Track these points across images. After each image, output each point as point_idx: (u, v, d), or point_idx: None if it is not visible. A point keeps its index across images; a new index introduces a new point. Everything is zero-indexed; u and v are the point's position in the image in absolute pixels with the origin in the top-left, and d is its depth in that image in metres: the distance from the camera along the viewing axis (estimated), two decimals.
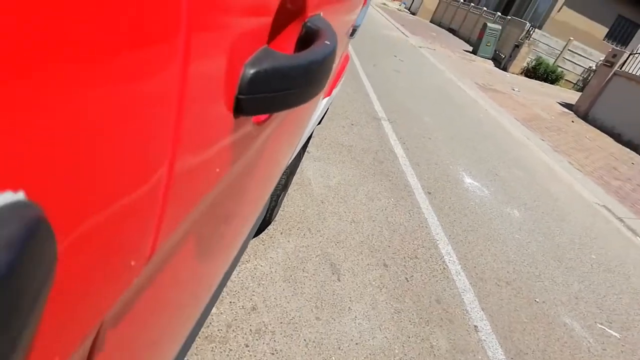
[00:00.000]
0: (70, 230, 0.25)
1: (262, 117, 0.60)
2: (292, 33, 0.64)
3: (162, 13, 0.28)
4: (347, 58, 2.36)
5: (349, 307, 2.08)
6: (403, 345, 1.98)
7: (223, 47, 0.40)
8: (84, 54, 0.22)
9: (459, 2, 22.25)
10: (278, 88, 0.48)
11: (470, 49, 16.40)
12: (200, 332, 1.65)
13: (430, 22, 24.34)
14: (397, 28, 15.92)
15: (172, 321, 0.68)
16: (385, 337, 1.99)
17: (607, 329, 2.72)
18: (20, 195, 0.19)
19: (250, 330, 1.76)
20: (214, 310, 1.77)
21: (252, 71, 0.44)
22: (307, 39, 0.62)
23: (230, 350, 1.64)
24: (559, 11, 18.07)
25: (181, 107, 0.33)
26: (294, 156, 1.80)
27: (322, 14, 0.73)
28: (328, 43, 0.58)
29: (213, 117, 0.42)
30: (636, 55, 10.24)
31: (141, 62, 0.27)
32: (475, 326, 2.29)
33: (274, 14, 0.51)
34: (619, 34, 18.48)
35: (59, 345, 0.29)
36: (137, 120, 0.29)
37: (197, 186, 0.44)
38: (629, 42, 17.73)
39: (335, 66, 1.73)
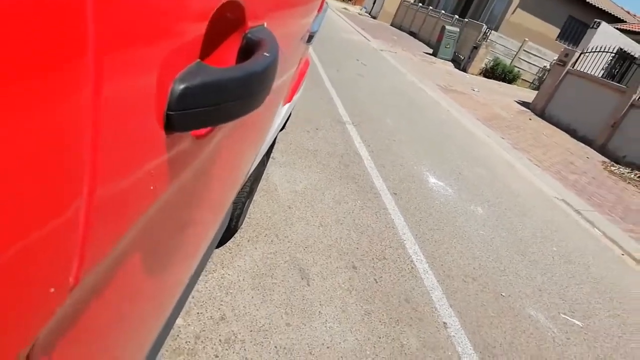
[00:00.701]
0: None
1: (204, 130, 0.59)
2: (231, 45, 0.63)
3: (62, 33, 0.27)
4: (307, 63, 2.37)
5: (319, 312, 2.08)
6: (374, 346, 2.00)
7: (144, 65, 0.38)
8: None
9: (417, 5, 22.72)
10: (212, 102, 0.47)
11: (431, 51, 16.76)
12: (167, 346, 1.61)
13: (391, 25, 24.73)
14: (359, 32, 16.11)
15: (129, 336, 0.66)
16: (356, 338, 2.00)
17: (570, 319, 2.82)
18: None
19: (220, 340, 1.73)
20: (180, 322, 1.74)
21: (181, 87, 0.43)
22: (248, 50, 0.61)
23: None
24: (513, 13, 18.73)
25: (97, 131, 0.32)
26: (256, 163, 1.79)
27: (265, 24, 0.72)
28: (267, 55, 0.58)
29: (140, 136, 0.41)
30: (587, 54, 10.70)
31: (41, 87, 0.26)
32: (445, 323, 2.33)
33: (207, 28, 0.50)
34: (570, 34, 19.29)
35: None
36: (46, 148, 0.28)
37: (129, 208, 0.42)
38: (579, 42, 18.51)
39: (293, 73, 1.73)
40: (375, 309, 2.23)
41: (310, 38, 1.68)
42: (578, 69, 10.57)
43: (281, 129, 2.57)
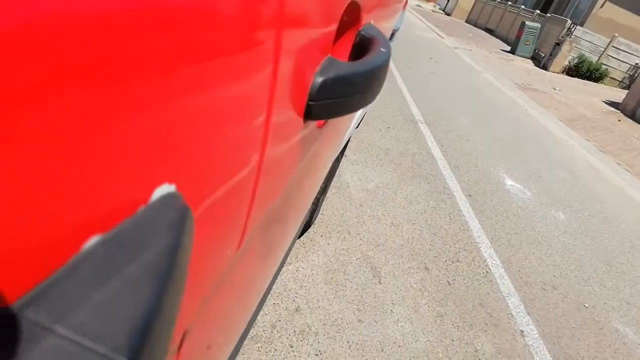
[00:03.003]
0: (197, 216, 0.29)
1: (321, 121, 0.63)
2: (347, 42, 0.66)
3: (258, 39, 0.32)
4: None
5: (391, 310, 2.07)
6: (447, 349, 1.96)
7: (302, 58, 0.43)
8: (200, 61, 0.25)
9: (495, 1, 21.80)
10: (341, 94, 0.51)
11: (509, 48, 16.03)
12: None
13: (466, 22, 23.95)
14: (432, 29, 15.75)
15: (237, 316, 0.70)
16: (429, 340, 1.97)
17: None
18: (172, 188, 0.24)
19: (294, 331, 1.78)
20: None
21: (320, 79, 0.47)
22: (361, 46, 0.65)
23: (276, 350, 1.67)
24: (601, 7, 17.42)
25: (270, 111, 0.36)
26: (334, 159, 1.82)
27: (372, 22, 0.75)
28: (383, 50, 0.60)
29: (291, 122, 0.45)
30: None
31: (243, 84, 0.31)
32: (522, 331, 2.23)
33: (337, 25, 0.53)
34: None
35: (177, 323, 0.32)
36: (236, 130, 0.33)
37: (277, 182, 0.48)
38: None
39: None
40: (448, 312, 2.19)
41: (392, 36, 1.68)
42: None
43: (356, 127, 2.59)
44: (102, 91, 0.18)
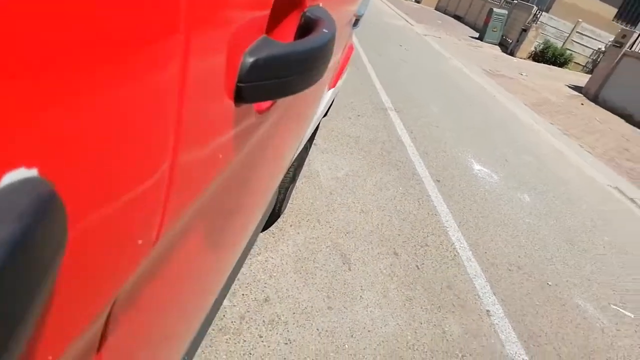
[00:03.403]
0: (80, 208, 0.27)
1: (264, 105, 0.62)
2: (291, 23, 0.66)
3: (161, 8, 0.30)
4: (351, 48, 2.36)
5: (361, 296, 2.10)
6: (415, 331, 2.00)
7: (223, 38, 0.41)
8: (89, 55, 0.24)
9: None
10: (276, 75, 0.50)
11: (477, 35, 16.24)
12: (214, 325, 1.68)
13: (435, 9, 24.10)
14: (402, 17, 15.81)
15: (183, 310, 0.70)
16: (398, 324, 2.01)
17: (620, 310, 2.72)
18: (33, 172, 0.22)
19: (264, 321, 1.79)
20: (227, 302, 1.80)
21: (251, 59, 0.46)
22: (307, 28, 0.64)
23: (245, 341, 1.67)
24: None
25: (182, 100, 0.35)
26: (300, 148, 1.82)
27: (321, 4, 0.74)
28: (326, 31, 0.60)
29: (215, 106, 0.44)
30: None
31: (142, 58, 0.29)
32: (488, 311, 2.30)
33: (273, 5, 0.52)
34: (629, 14, 18.16)
35: (71, 316, 0.30)
36: (140, 113, 0.31)
37: (202, 173, 0.46)
38: (638, 22, 17.42)
39: (339, 57, 1.74)
40: (416, 295, 2.23)
41: (356, 22, 1.68)
42: (636, 50, 9.97)
43: (324, 115, 2.59)
44: None
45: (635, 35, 10.06)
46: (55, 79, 0.22)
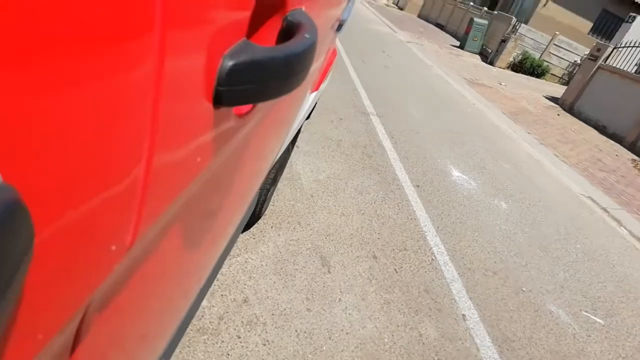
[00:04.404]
0: (48, 213, 0.26)
1: (244, 109, 0.62)
2: (273, 27, 0.65)
3: (136, 9, 0.29)
4: (334, 53, 2.38)
5: (340, 299, 2.11)
6: (392, 334, 2.02)
7: (201, 39, 0.41)
8: (61, 53, 0.24)
9: None
10: (257, 79, 0.50)
11: (458, 43, 16.50)
12: (192, 325, 1.67)
13: (418, 17, 24.41)
14: (385, 23, 15.96)
15: (160, 312, 0.69)
16: (375, 326, 2.03)
17: (591, 316, 2.79)
18: None
19: (242, 322, 1.78)
20: (205, 303, 1.79)
21: (230, 63, 0.46)
22: (288, 32, 0.63)
23: (223, 342, 1.66)
24: (544, 6, 18.24)
25: (157, 100, 0.35)
26: (282, 150, 1.82)
27: (304, 8, 0.74)
28: (308, 36, 0.59)
29: (192, 108, 0.43)
30: (620, 49, 10.39)
31: (114, 57, 0.28)
32: (464, 315, 2.34)
33: (253, 8, 0.52)
34: (604, 28, 18.69)
35: (41, 322, 0.30)
36: (112, 113, 0.30)
37: (179, 177, 0.45)
38: (613, 36, 17.92)
39: (322, 61, 1.75)
40: (394, 299, 2.25)
41: (339, 27, 1.69)
42: (610, 64, 10.28)
43: (307, 118, 2.60)
44: None
45: (610, 49, 10.37)
46: (20, 77, 0.21)
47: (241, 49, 0.48)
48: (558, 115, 9.69)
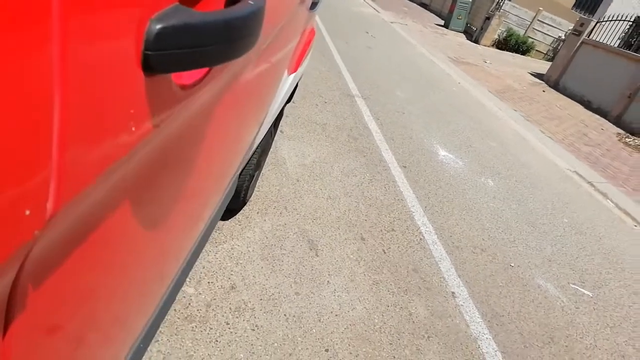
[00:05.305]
0: None
1: (189, 79, 0.59)
2: None
3: None
4: (312, 33, 2.34)
5: (328, 281, 2.10)
6: (382, 314, 2.02)
7: (119, 3, 0.39)
8: None
9: None
10: (190, 44, 0.48)
11: (442, 22, 16.40)
12: (179, 313, 1.65)
13: None
14: (369, 4, 15.79)
15: (128, 297, 0.67)
16: (365, 307, 2.03)
17: (579, 289, 2.82)
18: None
19: (230, 308, 1.77)
20: (192, 291, 1.77)
21: (158, 26, 0.44)
22: (237, 1, 0.62)
23: (211, 329, 1.65)
24: None
25: (64, 67, 0.33)
26: (262, 134, 1.79)
27: None
28: (252, 2, 0.58)
29: (114, 71, 0.41)
30: (603, 23, 10.40)
31: (12, 14, 0.26)
32: (453, 292, 2.35)
33: None
34: (587, 3, 18.69)
35: None
36: (9, 70, 0.28)
37: (107, 142, 0.43)
38: (596, 10, 17.96)
39: (297, 41, 1.71)
40: (383, 279, 2.25)
41: (314, 5, 1.65)
42: (594, 38, 10.29)
43: (288, 101, 2.56)
44: None
45: (593, 23, 10.37)
46: None
47: (172, 12, 0.46)
48: (543, 91, 9.72)
